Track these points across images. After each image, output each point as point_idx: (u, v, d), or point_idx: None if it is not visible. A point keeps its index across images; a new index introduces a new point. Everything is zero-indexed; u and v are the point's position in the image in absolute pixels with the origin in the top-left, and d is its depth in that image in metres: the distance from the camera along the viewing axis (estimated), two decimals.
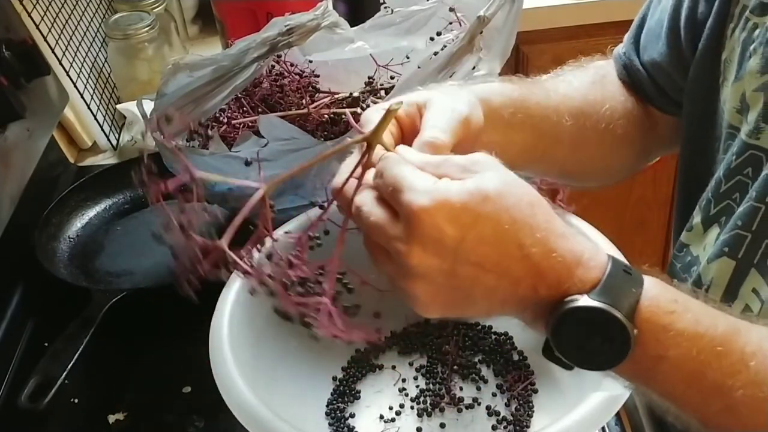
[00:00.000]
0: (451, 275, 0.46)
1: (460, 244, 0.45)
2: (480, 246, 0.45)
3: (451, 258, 0.45)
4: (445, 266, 0.46)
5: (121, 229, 0.97)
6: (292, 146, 0.74)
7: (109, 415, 0.75)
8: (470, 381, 0.72)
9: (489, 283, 0.46)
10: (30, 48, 0.91)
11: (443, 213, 0.45)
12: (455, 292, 0.47)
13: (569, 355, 0.47)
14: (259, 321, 0.68)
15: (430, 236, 0.45)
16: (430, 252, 0.45)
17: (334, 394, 0.71)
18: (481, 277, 0.46)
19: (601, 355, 0.46)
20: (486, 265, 0.46)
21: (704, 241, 0.68)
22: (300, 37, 0.78)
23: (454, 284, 0.47)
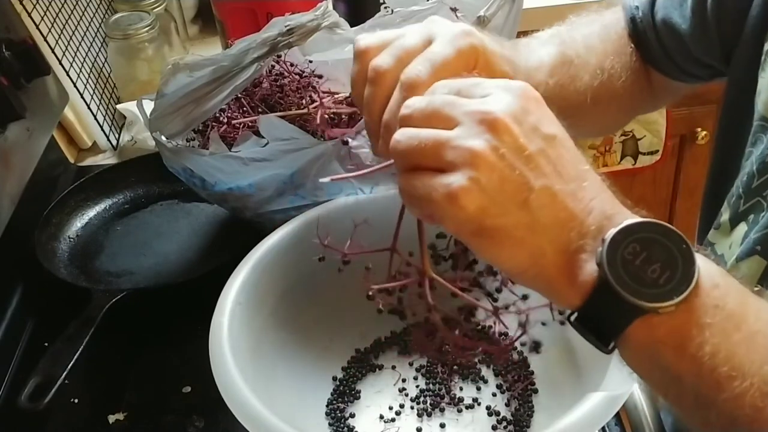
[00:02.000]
0: (525, 156, 0.43)
1: (549, 134, 0.44)
2: (560, 147, 0.44)
3: (532, 137, 0.43)
4: (524, 142, 0.43)
5: (121, 229, 0.97)
6: (292, 146, 0.74)
7: (109, 415, 0.75)
8: (470, 381, 0.72)
9: (554, 184, 0.43)
10: (30, 48, 0.91)
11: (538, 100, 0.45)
12: (516, 181, 0.43)
13: (622, 283, 0.41)
14: (259, 321, 0.68)
15: (523, 107, 0.44)
16: (517, 121, 0.43)
17: (334, 394, 0.71)
18: (550, 174, 0.43)
19: (659, 287, 0.41)
20: (560, 164, 0.43)
21: (730, 239, 0.66)
22: (300, 37, 0.78)
23: (520, 168, 0.43)
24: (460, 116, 0.44)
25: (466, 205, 0.42)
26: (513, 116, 0.44)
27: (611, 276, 0.41)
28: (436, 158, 0.44)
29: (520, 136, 0.43)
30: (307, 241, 0.72)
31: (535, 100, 0.46)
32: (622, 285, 0.41)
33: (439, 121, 0.45)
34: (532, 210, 0.43)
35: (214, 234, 0.95)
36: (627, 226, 0.42)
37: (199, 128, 0.85)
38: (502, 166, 0.43)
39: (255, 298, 0.67)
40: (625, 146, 1.49)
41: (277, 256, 0.70)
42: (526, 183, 0.43)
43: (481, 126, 0.43)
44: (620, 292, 0.41)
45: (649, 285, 0.41)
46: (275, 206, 0.78)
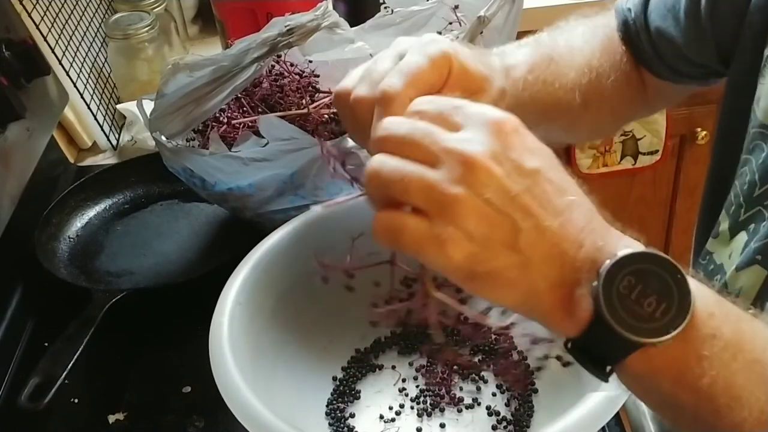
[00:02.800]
0: (509, 197, 0.42)
1: (533, 168, 0.42)
2: (544, 181, 0.43)
3: (515, 176, 0.42)
4: (508, 183, 0.42)
5: (121, 229, 0.97)
6: (292, 146, 0.74)
7: (109, 415, 0.75)
8: (470, 381, 0.72)
9: (542, 221, 0.42)
10: (30, 48, 0.91)
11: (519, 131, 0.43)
12: (503, 224, 0.42)
13: (618, 317, 0.41)
14: (259, 321, 0.68)
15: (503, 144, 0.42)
16: (498, 162, 0.42)
17: (334, 394, 0.71)
18: (536, 212, 0.42)
19: (656, 321, 0.41)
20: (545, 199, 0.42)
21: (730, 249, 0.65)
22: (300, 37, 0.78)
23: (507, 210, 0.42)
24: (440, 154, 0.43)
25: (454, 254, 0.42)
26: (494, 157, 0.42)
27: (607, 312, 0.41)
28: (420, 200, 0.43)
29: (504, 178, 0.42)
30: (307, 241, 0.72)
31: (514, 131, 0.44)
32: (618, 321, 0.41)
33: (418, 153, 0.43)
34: (522, 250, 0.42)
35: (214, 234, 0.95)
36: (621, 259, 0.41)
37: (199, 128, 0.85)
38: (488, 212, 0.42)
39: (255, 298, 0.67)
40: (625, 146, 1.49)
41: (277, 256, 0.70)
42: (514, 225, 0.42)
43: (463, 169, 0.42)
44: (616, 329, 0.41)
45: (646, 319, 0.41)
46: (275, 206, 0.78)
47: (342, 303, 0.75)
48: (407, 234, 0.43)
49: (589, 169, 1.51)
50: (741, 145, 0.66)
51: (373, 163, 0.44)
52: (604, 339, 0.42)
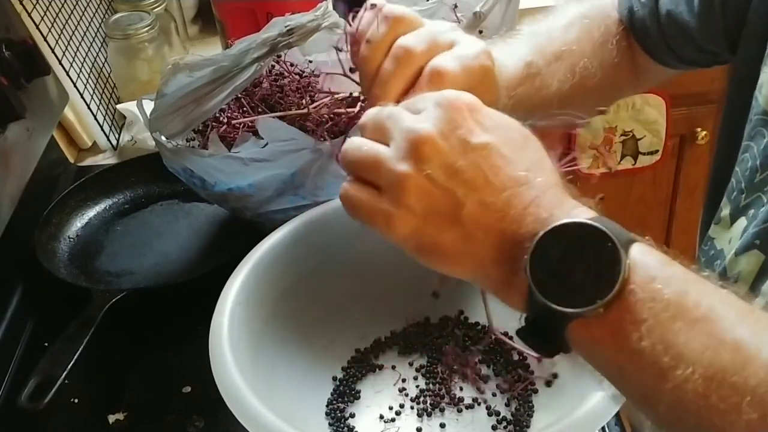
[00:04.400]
0: (452, 172, 0.44)
1: (480, 143, 0.44)
2: (493, 155, 0.44)
3: (460, 151, 0.44)
4: (452, 158, 0.44)
5: (121, 229, 0.97)
6: (292, 146, 0.74)
7: (109, 415, 0.75)
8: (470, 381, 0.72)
9: (486, 197, 0.43)
10: (30, 48, 0.91)
11: (472, 108, 0.45)
12: (446, 199, 0.44)
13: (548, 289, 0.41)
14: (259, 321, 0.68)
15: (452, 121, 0.45)
16: (444, 137, 0.44)
17: (334, 394, 0.71)
18: (481, 186, 0.43)
19: (584, 291, 0.41)
20: (492, 173, 0.43)
21: (730, 234, 0.65)
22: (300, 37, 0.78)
23: (449, 185, 0.44)
24: (395, 132, 0.46)
25: (400, 229, 0.44)
26: (440, 133, 0.44)
27: (534, 284, 0.42)
28: (373, 176, 0.46)
29: (448, 153, 0.44)
30: (307, 241, 0.72)
31: (467, 108, 0.46)
32: (546, 293, 0.41)
33: (379, 134, 0.47)
34: (464, 224, 0.44)
35: (214, 234, 0.95)
36: (552, 229, 0.42)
37: (199, 128, 0.85)
38: (430, 187, 0.44)
39: (255, 298, 0.67)
40: (625, 146, 1.49)
41: (277, 256, 0.70)
42: (456, 199, 0.43)
43: (409, 145, 0.44)
44: (543, 301, 0.41)
45: (573, 289, 0.41)
46: (275, 206, 0.78)
47: (342, 303, 0.75)
48: (362, 207, 0.46)
49: (589, 169, 1.51)
50: (743, 132, 0.66)
51: (346, 144, 0.48)
52: (540, 312, 0.42)
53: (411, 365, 0.74)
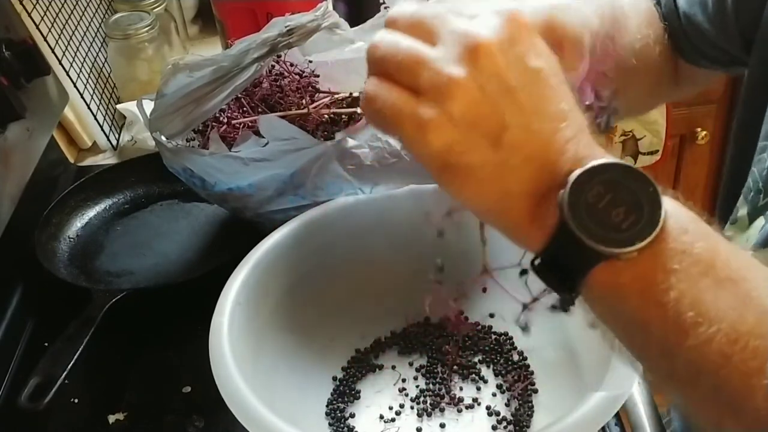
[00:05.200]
0: (505, 89, 0.40)
1: (535, 67, 0.41)
2: (544, 82, 0.41)
3: (517, 70, 0.40)
4: (508, 74, 0.40)
5: (121, 229, 0.97)
6: (292, 146, 0.74)
7: (109, 415, 0.75)
8: (470, 381, 0.72)
9: (532, 123, 0.40)
10: (30, 48, 0.91)
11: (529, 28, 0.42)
12: (493, 116, 0.40)
13: (584, 226, 0.39)
14: (259, 321, 0.68)
15: (511, 35, 0.41)
16: (502, 50, 0.40)
17: (334, 394, 0.71)
18: (530, 112, 0.40)
19: (623, 232, 0.39)
20: (542, 101, 0.41)
21: (747, 234, 0.64)
22: (300, 37, 0.78)
23: (500, 103, 0.40)
24: (444, 33, 0.41)
25: (432, 140, 0.40)
26: (499, 44, 0.41)
27: (572, 219, 0.39)
28: (412, 76, 0.41)
29: (504, 67, 0.40)
30: (307, 241, 0.72)
31: (525, 27, 0.42)
32: (583, 229, 0.39)
33: (422, 33, 0.42)
34: (504, 149, 0.41)
35: (214, 234, 0.95)
36: (592, 167, 0.40)
37: (199, 128, 0.85)
38: (479, 98, 0.40)
39: (255, 298, 0.67)
40: (625, 146, 1.49)
41: (277, 256, 0.70)
42: (502, 119, 0.40)
43: (464, 50, 0.40)
44: (581, 237, 0.39)
45: (612, 229, 0.39)
46: (275, 206, 0.78)
47: (342, 303, 0.75)
48: (389, 107, 0.41)
49: None
50: (758, 132, 0.65)
51: (376, 39, 0.43)
52: (569, 249, 0.40)
53: (411, 365, 0.74)
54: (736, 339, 0.39)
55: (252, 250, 0.70)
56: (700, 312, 0.39)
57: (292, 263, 0.71)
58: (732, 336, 0.39)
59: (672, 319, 0.39)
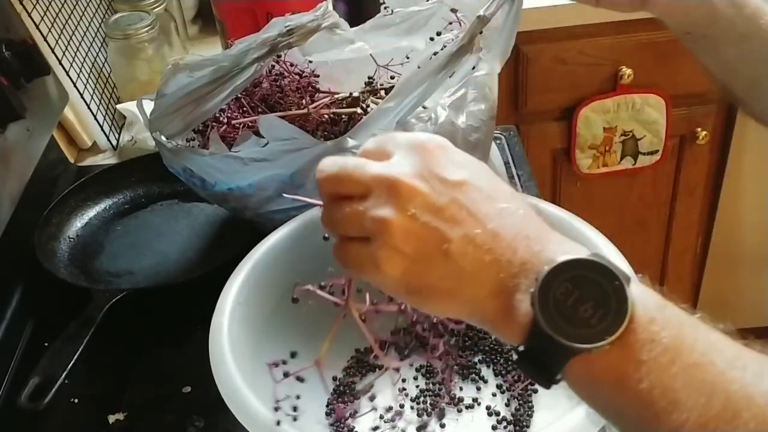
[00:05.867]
0: (435, 210, 0.44)
1: (458, 180, 0.45)
2: (472, 190, 0.45)
3: (440, 189, 0.44)
4: (433, 197, 0.44)
5: (121, 229, 0.97)
6: (292, 146, 0.74)
7: (109, 415, 0.75)
8: (470, 381, 0.72)
9: (472, 230, 0.44)
10: (30, 48, 0.91)
11: (442, 147, 0.46)
12: (432, 236, 0.44)
13: (554, 323, 0.42)
14: (259, 321, 0.68)
15: (426, 161, 0.45)
16: (422, 179, 0.44)
17: (334, 394, 0.71)
18: (464, 220, 0.44)
19: (592, 327, 0.41)
20: (474, 207, 0.44)
21: None
22: (300, 37, 0.78)
23: (434, 223, 0.44)
24: (369, 182, 0.45)
25: (390, 271, 0.44)
26: (417, 175, 0.45)
27: (543, 319, 0.42)
28: (359, 229, 0.45)
29: (428, 193, 0.44)
30: (307, 241, 0.72)
31: (438, 148, 0.46)
32: (554, 328, 0.41)
33: (351, 186, 0.46)
34: (455, 260, 0.43)
35: (214, 234, 0.95)
36: (559, 266, 0.42)
37: (199, 128, 0.85)
38: (415, 227, 0.44)
39: (255, 298, 0.67)
40: (625, 146, 1.49)
41: (277, 256, 0.70)
42: (443, 236, 0.43)
43: (388, 191, 0.44)
44: (552, 335, 0.41)
45: (582, 325, 0.41)
46: (275, 206, 0.79)
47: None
48: (352, 257, 0.46)
49: (589, 169, 1.51)
50: None
51: (325, 208, 0.48)
52: (543, 346, 0.42)
53: (411, 365, 0.74)
54: (705, 424, 0.40)
55: (252, 250, 0.70)
56: (672, 401, 0.41)
57: (293, 263, 0.71)
58: (701, 421, 0.40)
59: (645, 408, 0.41)
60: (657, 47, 1.38)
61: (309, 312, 0.73)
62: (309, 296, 0.61)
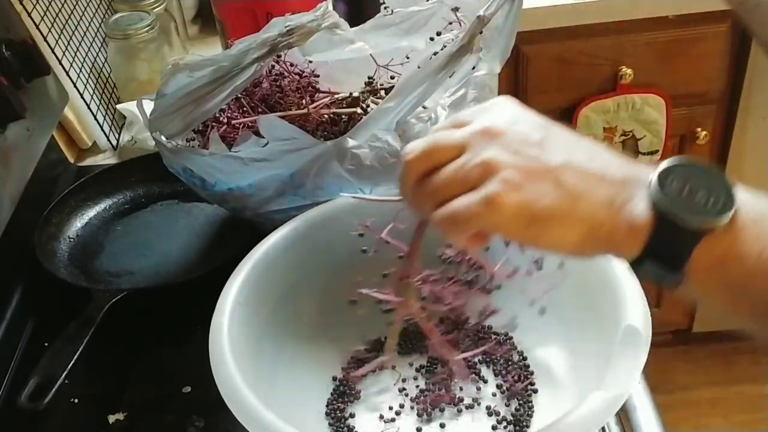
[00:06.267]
0: (531, 144, 0.47)
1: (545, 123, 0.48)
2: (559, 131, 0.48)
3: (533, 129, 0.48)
4: (527, 134, 0.47)
5: (121, 229, 0.97)
6: (292, 146, 0.74)
7: (109, 415, 0.75)
8: (470, 381, 0.72)
9: (572, 157, 0.47)
10: (30, 48, 0.91)
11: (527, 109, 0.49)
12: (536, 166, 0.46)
13: (679, 215, 0.44)
14: (259, 321, 0.68)
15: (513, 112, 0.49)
16: (513, 122, 0.48)
17: (334, 394, 0.71)
18: (563, 152, 0.47)
19: (712, 209, 0.45)
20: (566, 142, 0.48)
21: None
22: (300, 37, 0.78)
23: (534, 155, 0.47)
24: (462, 140, 0.48)
25: (507, 203, 0.45)
26: (506, 121, 0.48)
27: (667, 210, 0.44)
28: (463, 183, 0.47)
29: (521, 130, 0.47)
30: (307, 241, 0.72)
31: (516, 103, 0.50)
32: (677, 217, 0.44)
33: (443, 152, 0.48)
34: (565, 184, 0.46)
35: (214, 234, 0.95)
36: (666, 167, 0.46)
37: (199, 128, 0.85)
38: (519, 159, 0.46)
39: (255, 298, 0.67)
40: (625, 146, 1.49)
41: (277, 256, 0.70)
42: (547, 164, 0.46)
43: (484, 138, 0.47)
44: (677, 224, 0.44)
45: (700, 211, 0.44)
46: (275, 206, 0.79)
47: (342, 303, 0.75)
48: (462, 213, 0.46)
49: None
50: None
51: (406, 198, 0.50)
52: (668, 239, 0.45)
53: (411, 365, 0.74)
54: None
55: (252, 250, 0.70)
56: None
57: (292, 263, 0.71)
58: None
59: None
60: (657, 47, 1.38)
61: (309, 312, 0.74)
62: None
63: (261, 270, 0.69)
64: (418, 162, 0.49)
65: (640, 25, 1.33)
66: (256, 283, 0.68)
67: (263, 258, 0.69)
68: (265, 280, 0.69)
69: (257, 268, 0.68)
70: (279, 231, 0.72)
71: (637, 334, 0.57)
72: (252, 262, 0.69)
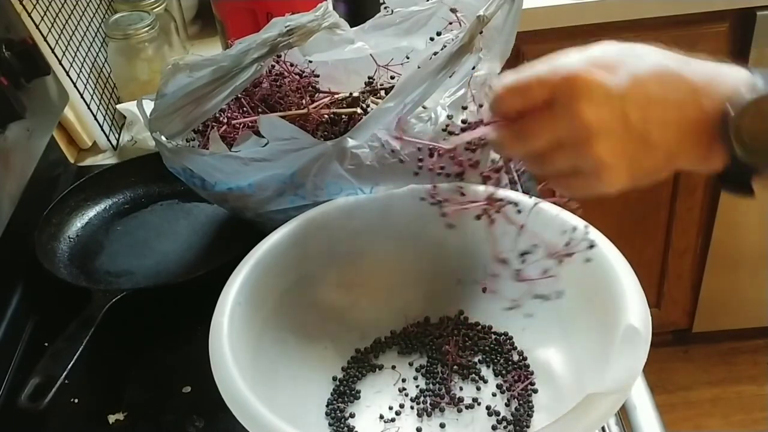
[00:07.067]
0: (624, 119, 0.50)
1: (622, 87, 0.50)
2: (638, 85, 0.50)
3: (618, 101, 0.50)
4: (617, 111, 0.50)
5: (121, 229, 0.97)
6: (292, 146, 0.74)
7: (109, 415, 0.75)
8: (470, 381, 0.72)
9: (659, 115, 0.50)
10: (30, 48, 0.91)
11: (594, 65, 0.50)
12: (633, 138, 0.50)
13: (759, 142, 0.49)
14: (259, 321, 0.68)
15: (591, 88, 0.50)
16: (596, 102, 0.49)
17: (334, 394, 0.71)
18: (650, 112, 0.50)
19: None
20: (651, 98, 0.50)
21: None
22: (300, 37, 0.78)
23: (630, 128, 0.50)
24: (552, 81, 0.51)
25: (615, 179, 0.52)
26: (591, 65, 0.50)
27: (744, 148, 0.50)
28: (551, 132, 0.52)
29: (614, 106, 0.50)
30: (307, 241, 0.72)
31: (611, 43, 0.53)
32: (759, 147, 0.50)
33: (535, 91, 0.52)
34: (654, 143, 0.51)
35: (214, 234, 0.95)
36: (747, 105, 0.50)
37: (199, 128, 0.85)
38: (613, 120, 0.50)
39: (255, 298, 0.67)
40: None
41: (277, 256, 0.70)
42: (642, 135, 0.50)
43: (573, 90, 0.50)
44: None
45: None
46: (275, 206, 0.78)
47: (342, 303, 0.75)
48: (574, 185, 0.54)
49: None
50: None
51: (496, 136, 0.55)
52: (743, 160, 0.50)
53: (411, 365, 0.74)
54: None
55: (252, 250, 0.70)
56: None
57: (292, 263, 0.71)
58: None
59: None
60: None
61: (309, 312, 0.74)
62: None
63: (261, 270, 0.69)
64: (509, 98, 0.53)
65: (640, 25, 1.33)
66: (256, 283, 0.68)
67: (263, 258, 0.69)
68: (265, 280, 0.69)
69: (257, 268, 0.68)
70: (279, 231, 0.72)
71: (637, 334, 0.57)
72: (252, 262, 0.69)
